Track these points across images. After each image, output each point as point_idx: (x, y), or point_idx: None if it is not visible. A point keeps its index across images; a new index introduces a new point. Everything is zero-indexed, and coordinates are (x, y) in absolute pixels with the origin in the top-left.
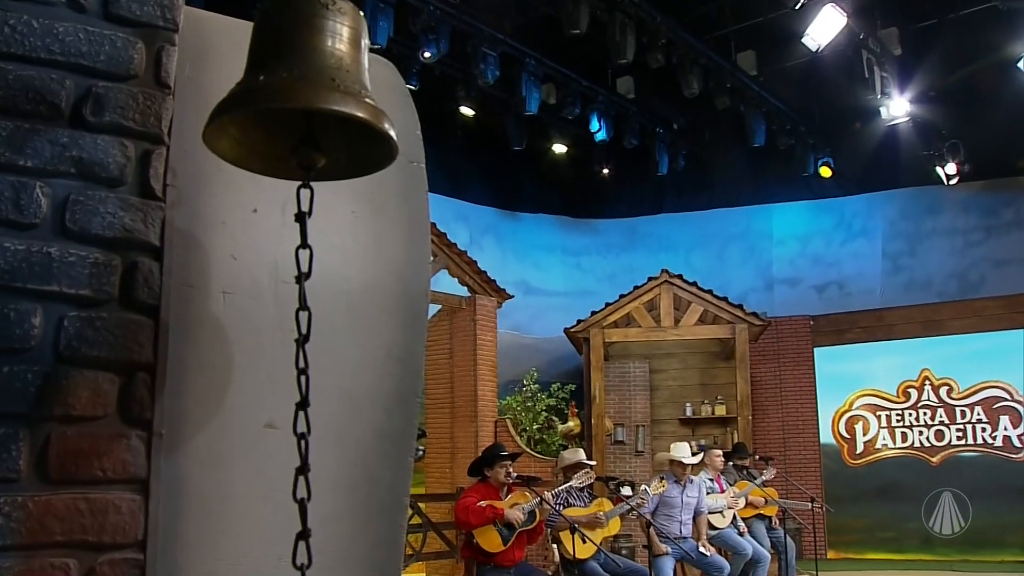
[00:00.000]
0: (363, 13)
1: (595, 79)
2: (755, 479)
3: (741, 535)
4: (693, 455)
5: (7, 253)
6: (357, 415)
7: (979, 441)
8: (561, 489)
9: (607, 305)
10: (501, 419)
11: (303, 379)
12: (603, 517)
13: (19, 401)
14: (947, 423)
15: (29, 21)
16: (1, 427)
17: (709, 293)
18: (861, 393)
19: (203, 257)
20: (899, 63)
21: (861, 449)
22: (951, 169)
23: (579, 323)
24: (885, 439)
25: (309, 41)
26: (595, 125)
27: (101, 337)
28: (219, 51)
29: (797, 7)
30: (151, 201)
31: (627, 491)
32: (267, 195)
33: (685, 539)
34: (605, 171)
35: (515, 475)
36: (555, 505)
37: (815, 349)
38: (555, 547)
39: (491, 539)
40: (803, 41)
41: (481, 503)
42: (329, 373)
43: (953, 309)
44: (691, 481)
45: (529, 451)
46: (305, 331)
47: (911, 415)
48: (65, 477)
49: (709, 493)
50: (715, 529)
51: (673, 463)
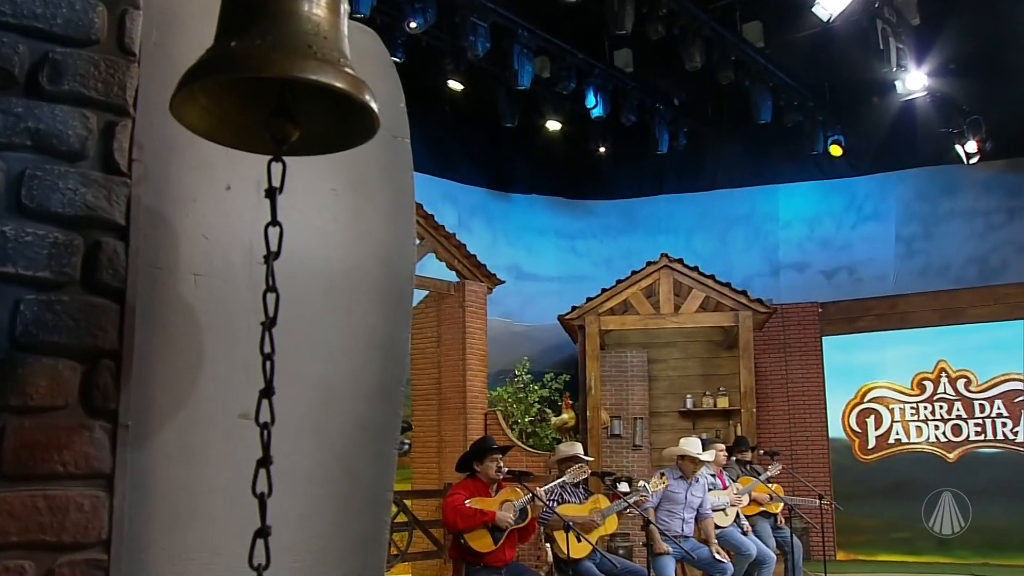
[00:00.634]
0: None
1: (591, 52)
2: (759, 475)
3: (745, 534)
4: (704, 451)
5: None
6: (337, 405)
7: (999, 437)
8: (555, 485)
9: (603, 291)
10: (491, 411)
11: (268, 365)
12: (599, 516)
13: None
14: (965, 417)
15: None
16: None
17: (711, 278)
18: (873, 385)
19: (172, 237)
20: (916, 33)
21: (873, 444)
22: (971, 147)
23: (574, 310)
24: (899, 434)
25: (284, 5)
26: (591, 101)
27: (61, 322)
28: (188, 16)
29: None
30: (115, 177)
31: (624, 487)
32: (241, 171)
33: (687, 538)
34: (602, 149)
35: (506, 470)
36: (548, 502)
37: (823, 338)
38: (548, 546)
39: (481, 539)
40: (813, 11)
41: (470, 502)
42: (306, 360)
43: (972, 296)
44: (697, 480)
45: (521, 445)
46: (272, 314)
47: (926, 409)
48: (22, 472)
49: (711, 490)
50: (717, 528)
51: (684, 459)
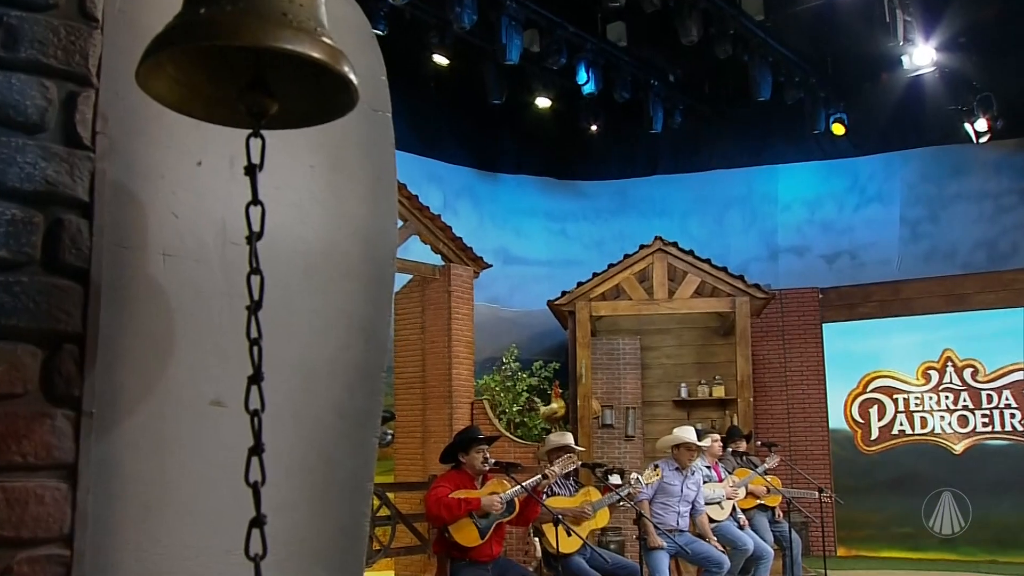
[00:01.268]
0: None
1: (583, 25)
2: (756, 467)
3: (741, 528)
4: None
5: None
6: (314, 391)
7: (1007, 428)
8: (539, 478)
9: (595, 275)
10: (478, 400)
11: (255, 350)
12: (590, 508)
13: None
14: (972, 408)
15: None
16: None
17: (707, 263)
18: (875, 374)
19: (140, 215)
20: (925, 5)
21: (876, 435)
22: (981, 125)
23: (564, 295)
24: (903, 425)
25: None
26: (583, 76)
27: (20, 304)
28: None
29: None
30: (78, 150)
31: (616, 479)
32: (213, 146)
33: (682, 532)
34: (593, 128)
35: (492, 461)
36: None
37: (824, 325)
38: (537, 541)
39: (466, 532)
40: None
41: (454, 494)
42: (283, 344)
43: (979, 282)
44: (692, 472)
45: (508, 435)
46: (257, 297)
47: (931, 399)
48: None
49: (706, 482)
50: (713, 522)
51: (680, 448)
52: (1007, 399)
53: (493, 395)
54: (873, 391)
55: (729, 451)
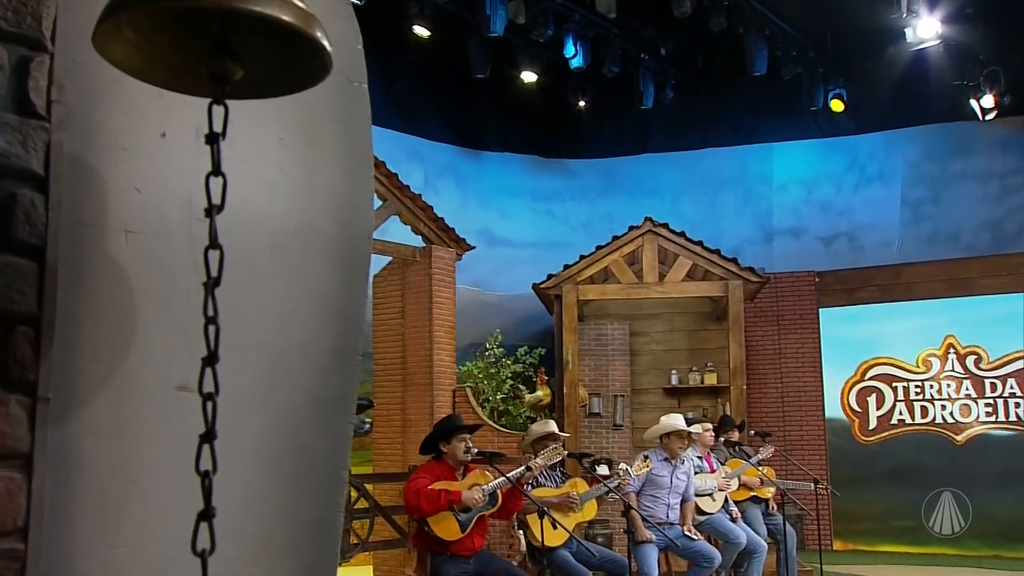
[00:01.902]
0: None
1: None
2: (750, 457)
3: (734, 521)
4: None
5: None
6: (285, 376)
7: (1011, 418)
8: (523, 470)
9: (582, 258)
10: (460, 388)
11: (211, 329)
12: (576, 499)
13: None
14: (975, 397)
15: None
16: None
17: (699, 245)
18: (874, 361)
19: (99, 189)
20: None
21: (874, 425)
22: (988, 101)
23: (550, 278)
24: (902, 414)
25: None
26: (570, 50)
27: None
28: None
29: None
30: (31, 120)
31: (604, 470)
32: (178, 116)
33: (671, 525)
34: (581, 104)
35: (475, 451)
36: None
37: (820, 310)
38: (521, 533)
39: (446, 525)
40: None
41: (434, 485)
42: (252, 327)
43: (984, 265)
44: (682, 462)
45: (492, 424)
46: (216, 273)
47: (932, 387)
48: None
49: (697, 473)
50: (704, 514)
51: (670, 436)
52: (1012, 387)
53: (476, 382)
54: (871, 379)
55: (721, 441)
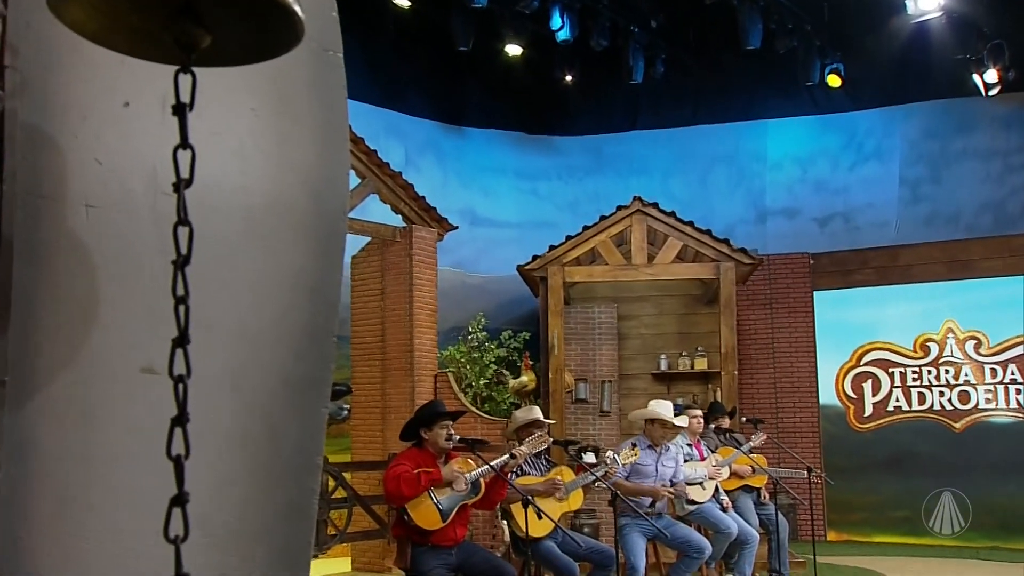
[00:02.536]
0: None
1: None
2: (741, 445)
3: (724, 511)
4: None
5: None
6: (257, 357)
7: (1012, 405)
8: (506, 458)
9: (568, 238)
10: (442, 373)
11: (182, 309)
12: (562, 487)
13: None
14: (974, 383)
15: None
16: None
17: (689, 225)
18: (870, 346)
19: (58, 161)
20: None
21: (870, 412)
22: (991, 76)
23: (535, 259)
24: (899, 400)
25: None
26: (557, 22)
27: None
28: None
29: None
30: None
31: (590, 458)
32: (142, 84)
33: (660, 515)
34: (568, 78)
35: (457, 438)
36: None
37: (815, 293)
38: (505, 524)
39: (426, 514)
40: None
41: (415, 472)
42: (222, 305)
43: (984, 247)
44: (667, 448)
45: (475, 410)
46: (185, 250)
47: (931, 373)
48: None
49: (687, 461)
50: (694, 504)
51: (653, 423)
52: (1012, 373)
53: (458, 367)
54: (867, 364)
55: (712, 428)
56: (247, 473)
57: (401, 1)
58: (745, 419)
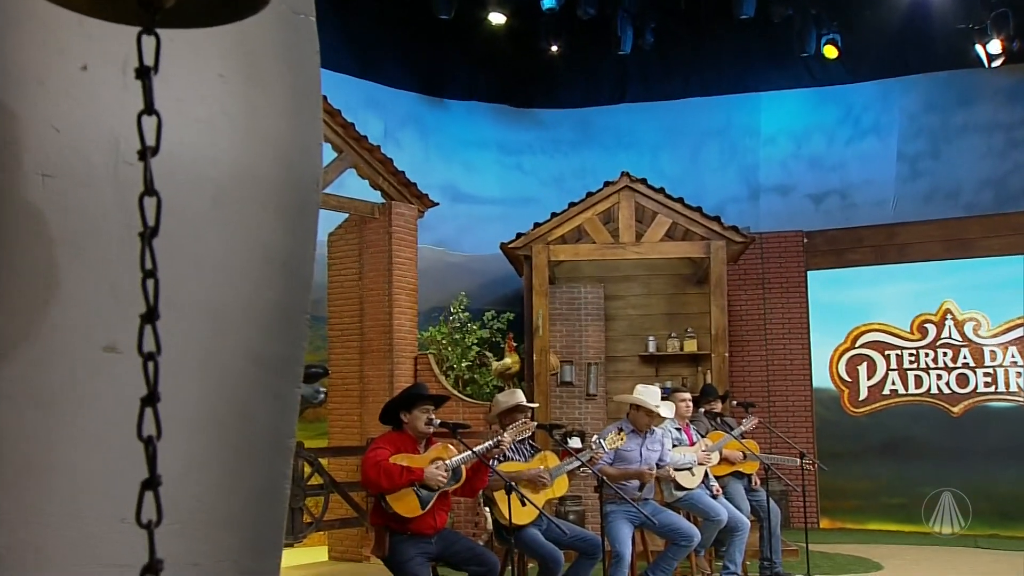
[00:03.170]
0: None
1: None
2: (732, 430)
3: (714, 497)
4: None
5: None
6: (226, 335)
7: (1012, 389)
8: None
9: (553, 216)
10: (422, 355)
11: (150, 284)
12: (548, 476)
13: None
14: (973, 366)
15: None
16: None
17: (679, 202)
18: (865, 328)
19: (12, 127)
20: None
21: (865, 395)
22: (995, 47)
23: (519, 237)
24: (895, 384)
25: None
26: None
27: None
28: None
29: None
30: None
31: (576, 443)
32: (102, 47)
33: (646, 501)
34: (554, 49)
35: (438, 422)
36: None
37: (809, 273)
38: (487, 511)
39: (406, 501)
40: None
41: (395, 458)
42: (189, 282)
43: (985, 225)
44: (652, 432)
45: (456, 394)
46: (153, 223)
47: (928, 356)
48: None
49: (675, 446)
50: (683, 490)
51: (638, 410)
52: (1013, 356)
53: (439, 349)
54: (862, 346)
55: (702, 412)
56: (215, 456)
57: None
58: (736, 403)
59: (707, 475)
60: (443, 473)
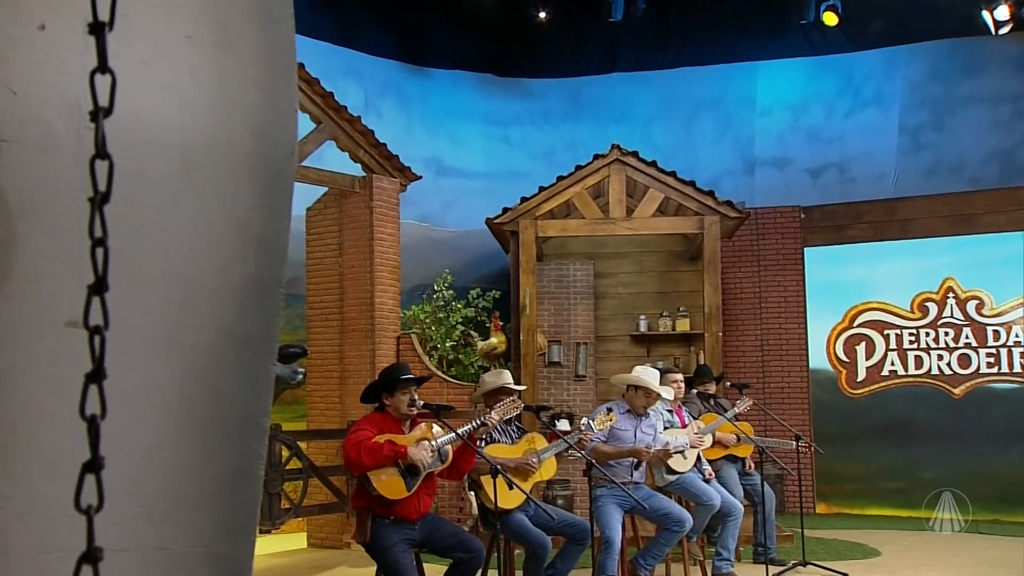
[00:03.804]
0: None
1: None
2: (726, 411)
3: (707, 481)
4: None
5: None
6: (197, 311)
7: (1016, 369)
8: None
9: (541, 189)
10: (405, 334)
11: (99, 252)
12: (536, 462)
13: None
14: (975, 346)
15: None
16: None
17: (672, 176)
18: (864, 306)
19: None
20: None
21: (863, 376)
22: (1002, 13)
23: (505, 212)
24: (894, 364)
25: None
26: None
27: None
28: None
29: None
30: None
31: (564, 425)
32: (60, 5)
33: (637, 485)
34: (542, 15)
35: (421, 404)
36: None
37: (806, 249)
38: (473, 495)
39: (390, 483)
40: None
41: (378, 438)
42: (157, 255)
43: (990, 200)
44: (647, 415)
45: (440, 374)
46: (104, 188)
47: (929, 335)
48: None
49: (667, 428)
50: (674, 474)
51: (636, 390)
52: (1017, 336)
53: (423, 328)
54: (861, 326)
55: (695, 393)
56: (185, 436)
57: None
58: (730, 384)
59: (699, 458)
60: (428, 454)
